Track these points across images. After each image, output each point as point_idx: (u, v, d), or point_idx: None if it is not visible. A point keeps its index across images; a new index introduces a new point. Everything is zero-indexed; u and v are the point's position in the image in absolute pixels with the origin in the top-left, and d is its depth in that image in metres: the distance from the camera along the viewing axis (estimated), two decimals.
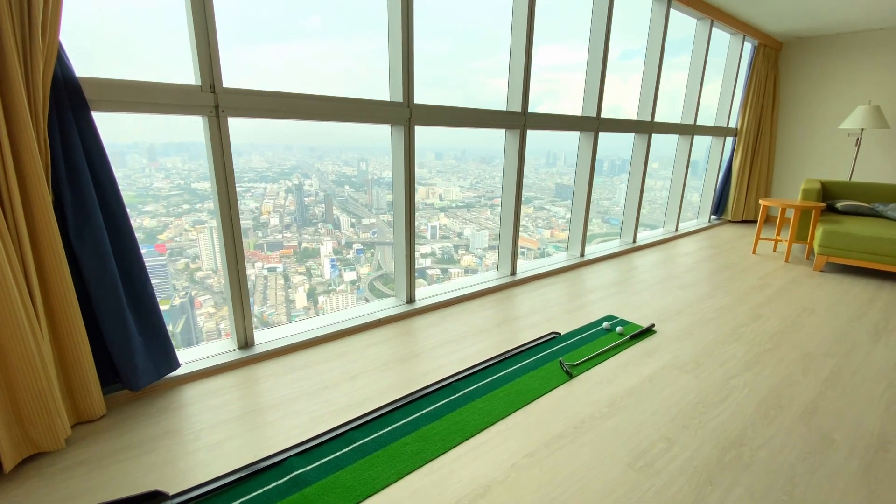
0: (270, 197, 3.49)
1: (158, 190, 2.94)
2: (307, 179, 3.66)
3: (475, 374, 1.87)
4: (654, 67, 3.80)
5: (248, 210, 3.36)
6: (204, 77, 1.68)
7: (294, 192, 3.57)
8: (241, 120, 1.84)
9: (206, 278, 3.16)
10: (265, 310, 3.37)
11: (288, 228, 3.56)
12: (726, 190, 5.43)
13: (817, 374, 1.98)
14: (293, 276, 3.51)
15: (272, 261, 3.47)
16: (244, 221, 3.38)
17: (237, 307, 1.95)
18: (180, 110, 1.67)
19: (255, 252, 3.42)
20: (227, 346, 2.00)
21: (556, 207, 5.03)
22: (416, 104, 2.29)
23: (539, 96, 4.11)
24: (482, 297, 2.82)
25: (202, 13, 1.64)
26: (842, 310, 2.74)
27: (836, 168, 5.08)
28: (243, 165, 3.42)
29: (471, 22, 4.62)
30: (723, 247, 4.29)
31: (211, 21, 1.66)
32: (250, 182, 3.40)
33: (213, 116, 1.73)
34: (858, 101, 4.81)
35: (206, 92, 1.70)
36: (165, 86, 1.62)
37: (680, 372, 1.95)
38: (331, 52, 3.43)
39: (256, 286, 3.39)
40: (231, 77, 1.81)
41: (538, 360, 2.01)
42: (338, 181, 4.01)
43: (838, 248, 3.42)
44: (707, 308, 2.70)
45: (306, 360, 1.99)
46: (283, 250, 3.52)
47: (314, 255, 3.63)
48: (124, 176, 2.87)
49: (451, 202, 4.49)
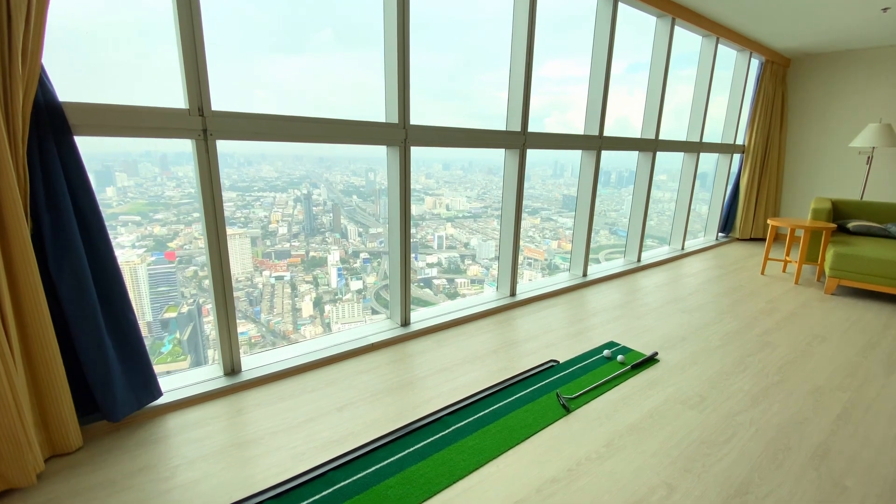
0: (279, 206, 3.50)
1: (170, 198, 2.97)
2: (316, 189, 3.67)
3: (468, 408, 1.79)
4: (659, 85, 3.74)
5: (258, 219, 3.39)
6: (192, 100, 1.65)
7: (303, 201, 3.59)
8: None
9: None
10: (272, 318, 3.36)
11: (296, 237, 3.57)
12: (734, 207, 5.33)
13: (828, 410, 1.88)
14: (300, 284, 3.51)
15: (280, 269, 3.47)
16: (253, 230, 3.52)
17: (223, 332, 1.90)
18: (168, 134, 1.64)
19: (263, 261, 3.42)
20: (212, 373, 1.95)
21: (563, 218, 5.04)
22: (411, 125, 2.25)
23: (545, 108, 4.02)
24: (480, 319, 2.75)
25: (191, 36, 1.61)
26: (854, 337, 2.63)
27: (846, 187, 4.96)
28: (253, 175, 3.49)
29: (475, 36, 4.61)
30: (730, 267, 4.19)
31: (200, 43, 1.63)
32: (260, 191, 3.42)
33: (201, 140, 1.69)
34: (869, 119, 4.72)
35: (195, 115, 1.66)
36: (152, 109, 1.59)
37: (683, 407, 1.86)
38: (325, 73, 3.43)
39: (264, 294, 3.39)
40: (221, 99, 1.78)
41: (535, 391, 1.93)
42: (346, 191, 4.02)
43: (850, 271, 3.31)
44: (713, 334, 2.61)
45: (294, 388, 1.93)
46: (291, 259, 3.52)
47: (321, 263, 3.63)
48: (136, 184, 2.94)
49: (457, 212, 4.50)
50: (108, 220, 2.92)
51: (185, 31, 1.60)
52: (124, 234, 2.83)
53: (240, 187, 3.37)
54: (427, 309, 2.74)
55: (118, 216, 2.83)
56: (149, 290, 2.91)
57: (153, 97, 1.63)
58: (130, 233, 2.87)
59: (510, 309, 2.93)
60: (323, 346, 2.20)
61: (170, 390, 1.83)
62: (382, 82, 2.23)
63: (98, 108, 1.48)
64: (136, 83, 2.12)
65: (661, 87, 3.74)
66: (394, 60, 2.13)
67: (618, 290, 3.39)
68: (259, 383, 1.95)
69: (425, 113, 2.36)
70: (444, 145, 2.43)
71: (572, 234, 3.61)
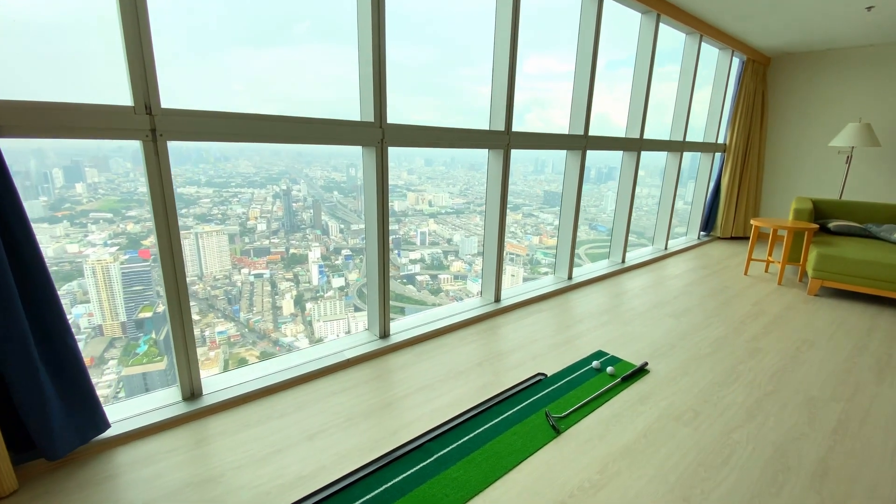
0: (258, 202, 3.42)
1: (143, 195, 2.85)
2: (295, 185, 3.59)
3: (452, 431, 1.66)
4: (644, 83, 3.66)
5: (235, 215, 3.31)
6: (138, 96, 1.47)
7: (282, 197, 3.50)
8: None
9: (191, 284, 3.13)
10: (251, 316, 3.28)
11: (275, 234, 3.49)
12: (715, 206, 5.33)
13: (824, 423, 1.81)
14: (280, 282, 3.44)
15: (259, 267, 3.38)
16: (230, 227, 3.38)
17: (180, 352, 1.72)
18: (109, 134, 1.45)
19: (241, 258, 3.34)
20: (170, 398, 1.77)
21: (544, 214, 5.07)
22: (388, 124, 2.09)
23: (526, 104, 3.96)
24: (464, 328, 2.62)
25: (134, 22, 1.42)
26: (841, 341, 2.60)
27: (825, 186, 5.01)
28: (230, 170, 3.38)
29: (458, 29, 4.47)
30: (713, 267, 4.16)
31: (145, 31, 1.44)
32: (237, 187, 3.34)
33: (149, 141, 1.51)
34: (848, 118, 4.76)
35: (141, 114, 1.48)
36: (91, 107, 1.40)
37: (677, 424, 1.77)
38: (300, 68, 3.24)
39: (243, 293, 3.31)
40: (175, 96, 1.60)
41: (522, 409, 1.81)
42: (326, 186, 3.96)
43: (833, 273, 3.30)
44: (701, 341, 2.54)
45: (261, 412, 1.77)
46: (271, 256, 3.45)
47: (302, 261, 3.56)
48: (108, 180, 2.84)
49: (440, 208, 4.47)
50: (78, 218, 2.73)
51: (128, 16, 1.41)
52: (95, 231, 2.75)
53: (216, 183, 3.27)
54: (408, 318, 2.60)
55: (89, 213, 2.74)
56: (122, 289, 2.81)
57: (98, 94, 1.44)
58: (102, 230, 2.78)
59: (494, 316, 2.81)
60: (294, 364, 2.04)
61: (120, 420, 1.64)
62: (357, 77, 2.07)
63: (26, 105, 1.29)
64: (78, 78, 1.91)
65: (646, 86, 3.66)
66: (368, 54, 1.97)
67: (603, 294, 3.30)
68: (222, 408, 1.78)
69: (404, 108, 2.21)
70: (424, 145, 2.29)
71: (557, 237, 3.51)
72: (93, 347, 2.76)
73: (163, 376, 2.80)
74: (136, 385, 2.79)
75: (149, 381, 2.81)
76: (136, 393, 2.88)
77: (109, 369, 2.73)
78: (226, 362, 3.13)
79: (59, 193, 2.71)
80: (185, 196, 3.07)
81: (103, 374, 2.71)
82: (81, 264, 2.72)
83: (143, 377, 2.80)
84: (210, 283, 3.26)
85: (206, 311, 3.20)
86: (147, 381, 2.81)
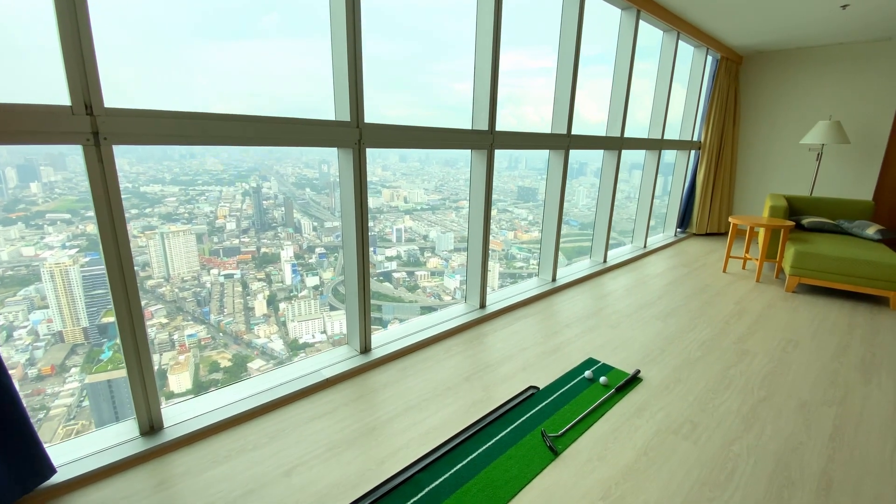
0: (227, 200, 3.31)
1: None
2: (265, 182, 3.50)
3: (443, 458, 1.54)
4: (624, 82, 3.61)
5: (203, 214, 3.21)
6: (76, 94, 1.27)
7: (252, 194, 3.40)
8: None
9: (158, 286, 3.05)
10: (223, 318, 3.19)
11: (246, 233, 3.39)
12: (691, 203, 5.38)
13: (820, 430, 1.78)
14: (252, 282, 3.34)
15: (229, 267, 3.28)
16: (198, 226, 3.22)
17: (136, 381, 1.53)
18: (44, 139, 1.25)
19: (210, 258, 3.24)
20: (126, 433, 1.58)
21: (518, 210, 5.12)
22: (366, 124, 1.93)
23: (501, 101, 3.90)
24: (449, 338, 2.49)
25: (70, 7, 1.22)
26: (824, 340, 2.61)
27: (796, 182, 5.12)
28: (197, 168, 3.28)
29: (436, 22, 4.34)
30: (693, 264, 4.18)
31: (83, 17, 1.25)
32: (204, 185, 3.24)
33: (90, 145, 1.31)
34: (818, 116, 4.86)
35: (80, 114, 1.28)
36: (22, 108, 1.19)
37: (676, 438, 1.70)
38: (265, 61, 3.03)
39: (213, 294, 3.21)
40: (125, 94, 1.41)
41: (517, 429, 1.70)
42: (298, 183, 3.86)
43: (810, 269, 3.34)
44: (690, 344, 2.50)
45: (231, 445, 1.60)
46: (241, 255, 3.35)
47: (274, 260, 3.47)
48: (65, 179, 2.72)
49: (416, 205, 4.42)
50: (34, 219, 2.57)
51: (63, 1, 1.21)
52: (52, 233, 2.63)
53: (182, 181, 3.15)
54: (390, 330, 2.45)
55: (45, 214, 2.61)
56: (83, 293, 2.67)
57: (33, 93, 1.24)
58: (60, 232, 2.65)
59: (480, 323, 2.70)
60: (267, 387, 1.87)
61: (68, 462, 1.45)
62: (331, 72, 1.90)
63: None
64: (9, 74, 1.68)
65: (627, 84, 3.61)
66: (342, 46, 1.81)
67: (588, 295, 3.24)
68: (186, 442, 1.60)
69: (383, 104, 2.06)
70: (405, 146, 2.14)
71: (540, 241, 3.43)
72: (52, 355, 2.62)
73: (129, 383, 2.63)
74: (101, 392, 2.66)
75: (114, 388, 2.67)
76: (101, 401, 2.71)
77: (72, 377, 2.61)
78: (196, 366, 3.00)
79: (12, 194, 2.61)
80: (149, 195, 2.95)
81: (65, 383, 2.58)
82: (38, 268, 2.58)
83: (109, 384, 2.67)
84: (178, 284, 3.13)
85: (175, 313, 3.07)
86: (113, 389, 2.67)
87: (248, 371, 3.09)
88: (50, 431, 2.44)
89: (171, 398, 2.98)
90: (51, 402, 2.52)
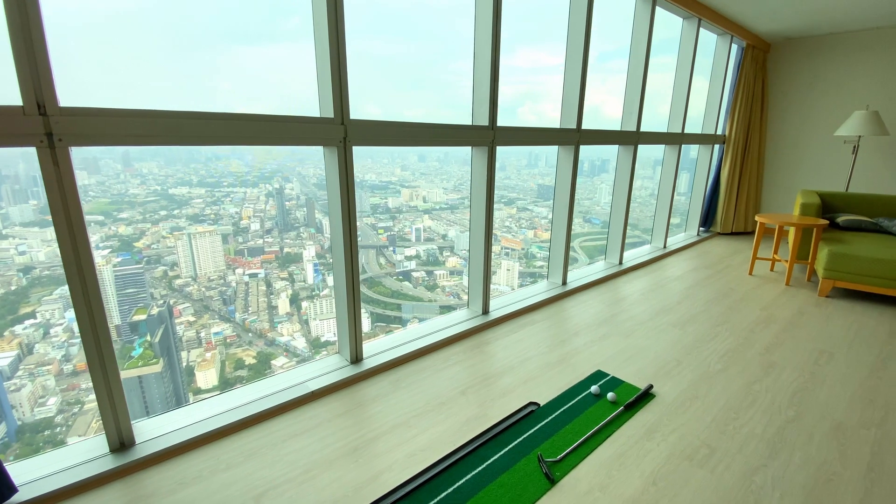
0: (251, 201, 3.41)
1: (134, 196, 2.93)
2: (288, 183, 3.56)
3: (429, 483, 1.41)
4: (640, 73, 3.40)
5: (228, 215, 3.32)
6: (27, 93, 1.18)
7: (275, 196, 3.48)
8: None
9: (186, 286, 3.15)
10: (247, 317, 3.28)
11: (269, 233, 3.48)
12: (715, 201, 5.09)
13: (857, 457, 1.58)
14: (275, 281, 3.44)
15: (253, 266, 3.38)
16: (224, 227, 3.29)
17: (101, 394, 1.45)
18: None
19: (235, 258, 3.34)
20: (95, 449, 1.50)
21: (538, 208, 5.05)
22: (352, 120, 1.81)
23: (519, 98, 3.71)
24: (448, 346, 2.36)
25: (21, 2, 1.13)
26: (861, 352, 2.37)
27: (830, 178, 4.78)
28: (222, 170, 3.37)
29: (451, 23, 4.25)
30: (716, 266, 3.93)
31: (34, 12, 1.16)
32: (229, 187, 3.33)
33: (44, 147, 1.22)
34: (853, 106, 4.52)
35: (33, 115, 1.19)
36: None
37: (690, 465, 1.52)
38: (243, 57, 2.95)
39: (238, 293, 3.32)
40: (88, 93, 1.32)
41: (512, 451, 1.56)
42: (319, 184, 3.89)
43: (846, 272, 3.08)
44: (710, 355, 2.30)
45: (204, 464, 1.50)
46: (265, 255, 3.43)
47: (297, 259, 3.55)
48: (98, 182, 2.85)
49: (434, 204, 4.43)
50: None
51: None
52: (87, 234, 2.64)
53: (208, 183, 3.25)
54: (384, 338, 2.33)
55: None
56: (116, 292, 2.81)
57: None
58: (94, 233, 2.69)
59: (482, 331, 2.56)
60: (248, 400, 1.77)
61: (31, 481, 1.37)
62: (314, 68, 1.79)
63: None
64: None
65: (642, 76, 3.40)
66: (325, 40, 1.69)
67: (601, 300, 3.06)
68: (159, 459, 1.51)
69: (403, 104, 1.94)
70: (395, 144, 2.02)
71: (549, 242, 3.25)
72: None
73: (159, 379, 2.83)
74: (132, 388, 2.78)
75: (145, 383, 2.81)
76: (132, 396, 2.77)
77: None
78: (222, 363, 3.10)
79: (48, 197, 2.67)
80: (177, 197, 3.07)
81: None
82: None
83: (139, 380, 2.79)
84: (205, 283, 3.23)
85: (202, 312, 3.17)
86: (143, 384, 2.80)
87: (271, 368, 3.17)
88: (84, 425, 2.53)
89: (199, 394, 3.03)
90: (85, 397, 2.61)
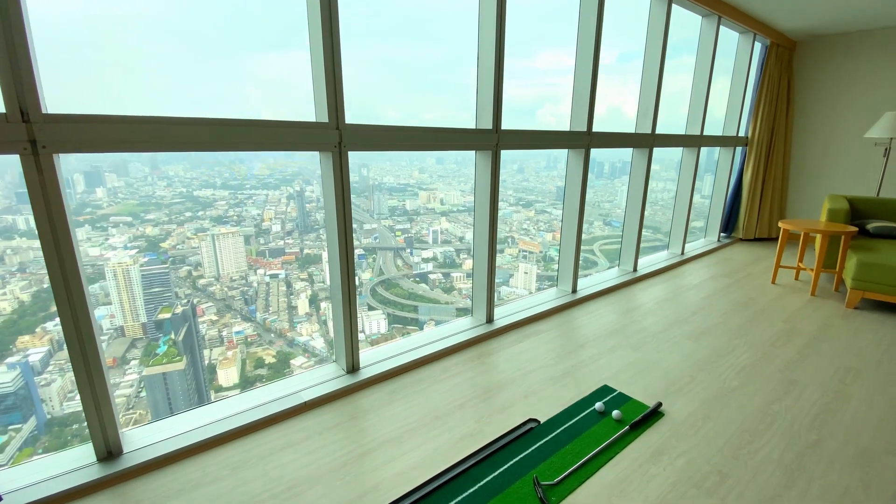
0: (272, 203, 3.49)
1: (161, 198, 3.03)
2: (308, 186, 3.63)
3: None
4: (655, 74, 3.28)
5: (250, 217, 3.41)
6: (10, 100, 1.17)
7: (296, 198, 3.56)
8: None
9: (209, 285, 3.24)
10: (268, 316, 3.36)
11: (290, 235, 3.55)
12: (736, 205, 4.90)
13: (882, 487, 1.45)
14: (295, 282, 3.51)
15: (274, 267, 3.46)
16: (246, 228, 3.38)
17: (88, 402, 1.43)
18: None
19: (257, 259, 3.43)
20: (82, 458, 1.48)
21: (557, 210, 4.95)
22: (347, 125, 1.77)
23: (539, 100, 3.79)
24: (449, 356, 2.29)
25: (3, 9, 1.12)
26: (892, 369, 2.21)
27: (860, 182, 4.54)
28: (245, 173, 3.47)
29: (466, 27, 4.24)
30: (737, 274, 3.76)
31: (17, 18, 1.15)
32: (252, 189, 3.43)
33: (28, 154, 1.21)
34: (886, 107, 4.28)
35: (16, 122, 1.18)
36: None
37: (698, 493, 1.42)
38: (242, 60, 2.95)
39: (259, 293, 3.41)
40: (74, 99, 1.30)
41: (506, 473, 1.48)
42: None
43: (876, 283, 2.89)
44: (726, 371, 2.17)
45: (190, 476, 1.47)
46: (286, 256, 3.52)
47: (316, 261, 3.61)
48: (126, 184, 2.96)
49: (452, 206, 4.45)
50: (99, 222, 2.78)
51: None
52: (116, 235, 2.86)
53: (231, 185, 3.35)
54: (384, 347, 2.28)
55: (109, 217, 2.84)
56: (142, 291, 2.89)
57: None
58: (122, 234, 2.89)
59: (486, 340, 2.48)
60: (239, 410, 1.74)
61: (16, 490, 1.36)
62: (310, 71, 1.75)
63: None
64: None
65: (658, 76, 3.28)
66: (319, 44, 1.65)
67: (612, 310, 2.94)
68: (145, 470, 1.49)
69: (421, 107, 1.90)
70: (394, 149, 1.97)
71: (559, 247, 3.16)
72: (115, 348, 2.85)
73: (182, 376, 2.90)
74: (156, 384, 2.85)
75: (168, 380, 2.88)
76: (157, 392, 2.84)
77: (131, 369, 2.83)
78: (243, 362, 3.18)
79: (80, 198, 2.84)
80: (202, 199, 3.17)
81: (125, 374, 2.81)
82: (103, 267, 2.81)
83: (164, 377, 2.86)
84: (227, 283, 3.33)
85: (224, 311, 3.25)
86: (167, 381, 2.87)
87: (290, 367, 3.24)
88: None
89: (220, 391, 3.08)
90: (112, 392, 2.66)
